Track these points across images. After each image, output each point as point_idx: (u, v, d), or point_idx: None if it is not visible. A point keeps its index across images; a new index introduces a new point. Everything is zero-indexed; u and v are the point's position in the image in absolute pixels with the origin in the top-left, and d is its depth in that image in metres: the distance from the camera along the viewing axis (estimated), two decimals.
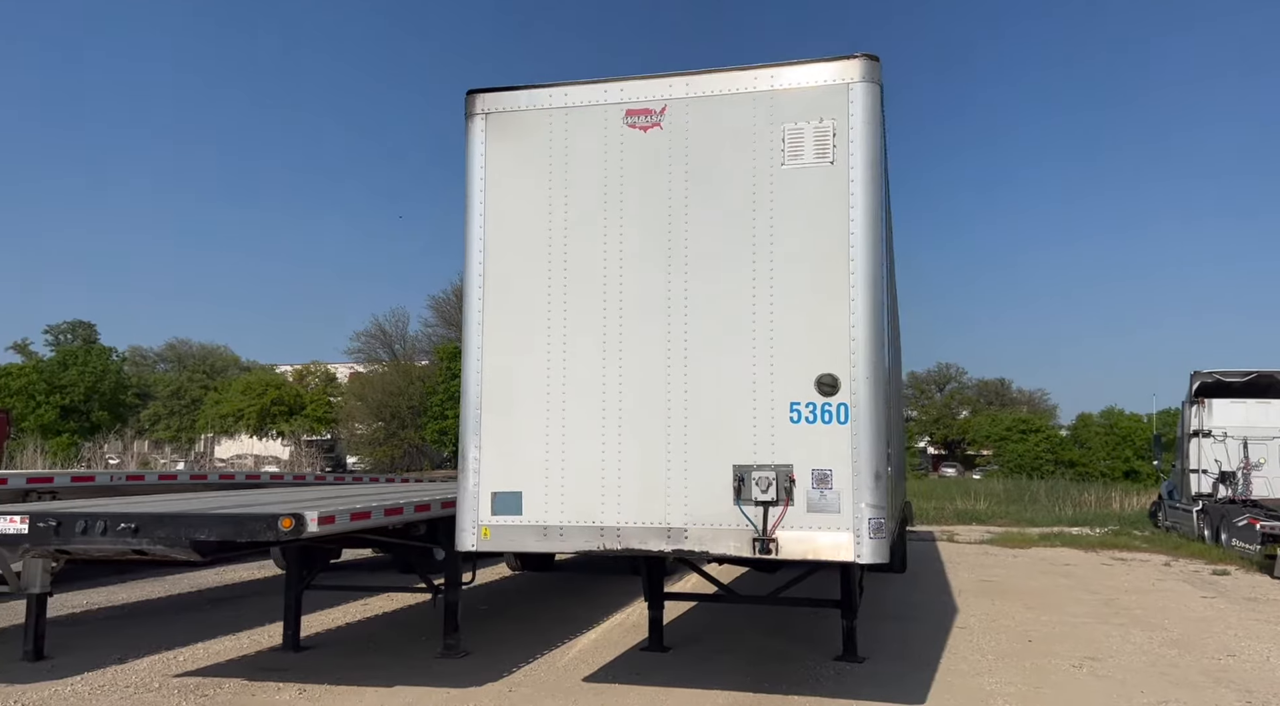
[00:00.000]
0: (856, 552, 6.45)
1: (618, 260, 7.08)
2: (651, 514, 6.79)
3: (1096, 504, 37.81)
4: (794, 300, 6.73)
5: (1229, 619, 12.80)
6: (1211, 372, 24.49)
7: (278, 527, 6.53)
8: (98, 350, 71.16)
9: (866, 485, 6.46)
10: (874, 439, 6.51)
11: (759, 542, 6.55)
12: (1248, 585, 16.44)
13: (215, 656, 9.77)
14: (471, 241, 7.31)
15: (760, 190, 6.86)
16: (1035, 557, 20.68)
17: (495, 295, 7.28)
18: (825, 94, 6.80)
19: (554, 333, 7.14)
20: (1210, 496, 23.35)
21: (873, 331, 6.60)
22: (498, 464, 7.12)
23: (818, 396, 6.59)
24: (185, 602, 13.37)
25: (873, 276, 6.64)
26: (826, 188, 6.73)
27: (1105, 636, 11.32)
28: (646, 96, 7.12)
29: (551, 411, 7.07)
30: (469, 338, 7.29)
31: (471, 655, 9.80)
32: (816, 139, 6.76)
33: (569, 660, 9.71)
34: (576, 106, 7.24)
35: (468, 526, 7.11)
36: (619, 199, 7.12)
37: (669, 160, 7.05)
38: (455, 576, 9.80)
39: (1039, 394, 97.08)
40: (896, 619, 12.38)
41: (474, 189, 7.35)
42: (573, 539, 6.93)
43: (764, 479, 6.55)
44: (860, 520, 6.44)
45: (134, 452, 60.60)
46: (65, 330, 74.66)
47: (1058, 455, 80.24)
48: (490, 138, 7.35)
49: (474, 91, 7.42)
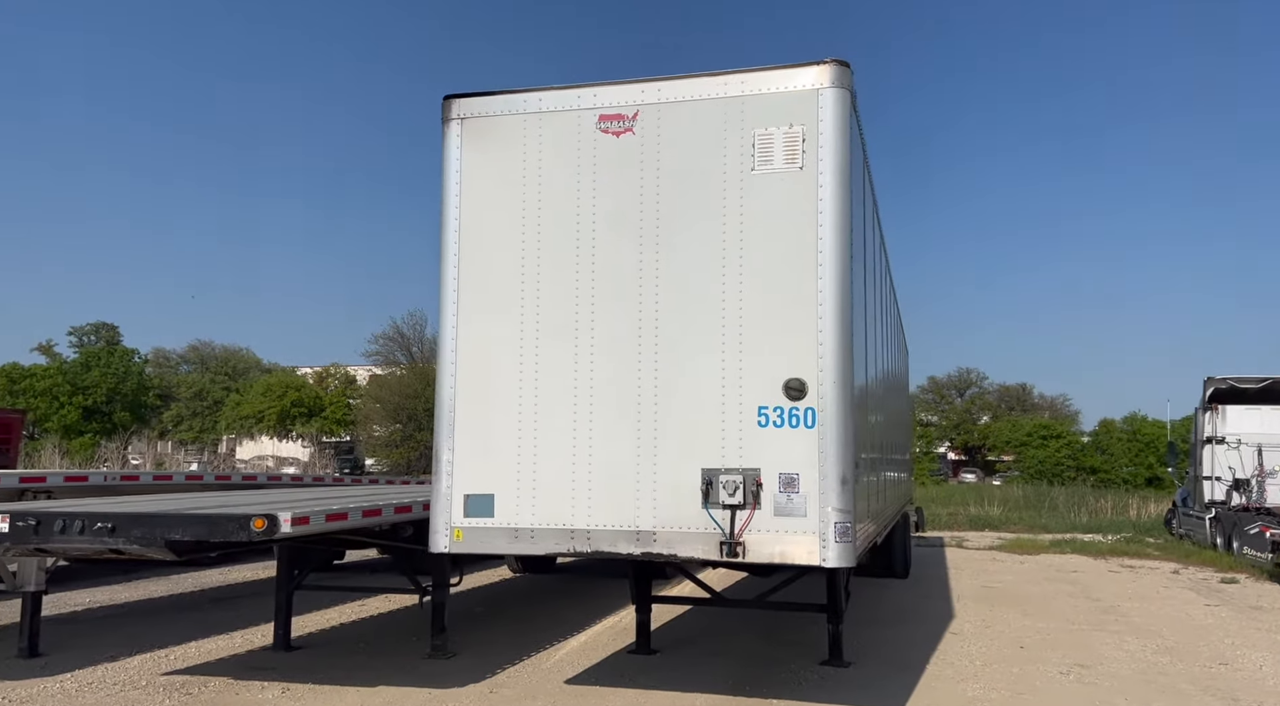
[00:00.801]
0: (822, 556, 6.45)
1: (589, 264, 7.12)
2: (621, 517, 6.82)
3: (1113, 510, 37.49)
4: (762, 304, 6.75)
5: (1229, 627, 12.70)
6: (1226, 378, 24.27)
7: (250, 528, 6.60)
8: (120, 351, 71.83)
9: (833, 489, 6.47)
10: (841, 443, 6.51)
11: (726, 546, 6.57)
12: (1254, 594, 16.29)
13: (207, 655, 9.87)
14: (446, 245, 7.36)
15: (730, 195, 6.88)
16: (1042, 564, 20.57)
17: (469, 298, 7.32)
18: (795, 99, 6.82)
19: (526, 336, 7.18)
20: (1223, 504, 23.15)
21: (841, 336, 6.61)
22: (471, 466, 7.16)
23: (785, 400, 6.61)
24: (186, 601, 13.51)
25: (842, 282, 6.65)
26: (795, 193, 6.75)
27: (1099, 643, 11.26)
28: (619, 102, 7.16)
29: (524, 414, 7.11)
30: (443, 341, 7.34)
31: (459, 656, 9.87)
32: (786, 144, 6.78)
33: (555, 662, 9.76)
34: (550, 111, 7.28)
35: (440, 528, 7.16)
36: (591, 203, 7.16)
37: (641, 165, 7.09)
38: (442, 578, 9.87)
39: (1061, 399, 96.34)
40: (891, 623, 12.36)
41: (449, 193, 7.40)
42: (543, 541, 6.97)
43: (731, 482, 6.57)
44: (826, 524, 6.45)
45: (156, 453, 61.11)
46: (89, 332, 75.40)
47: (1079, 461, 79.59)
48: (465, 142, 7.41)
49: (450, 96, 7.48)
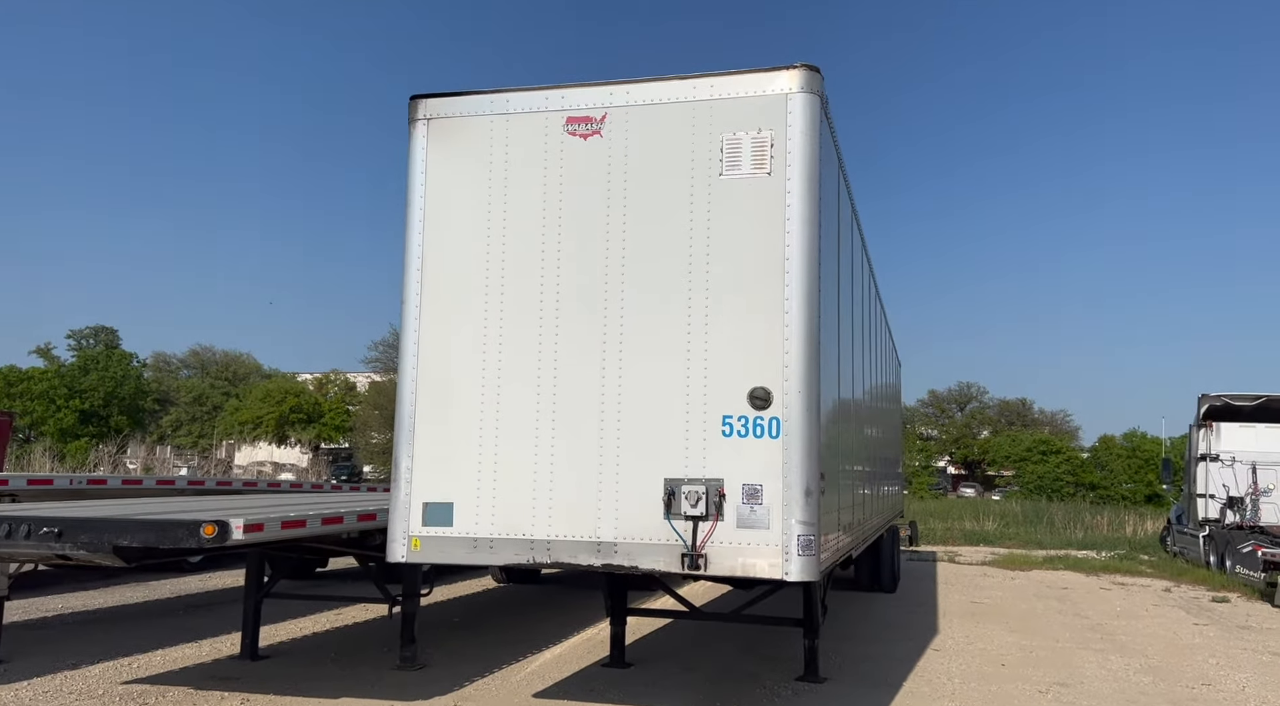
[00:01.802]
0: (785, 570, 6.30)
1: (555, 269, 6.98)
2: (582, 527, 6.67)
3: (1109, 527, 37.25)
4: (728, 312, 6.60)
5: (1215, 647, 12.53)
6: (1220, 396, 24.09)
7: (200, 534, 6.45)
8: (118, 355, 71.61)
9: (797, 501, 6.32)
10: (806, 454, 6.36)
11: (688, 558, 6.41)
12: (1244, 613, 16.11)
13: (171, 663, 9.71)
14: (410, 248, 7.22)
15: (698, 200, 6.75)
16: (1034, 580, 20.38)
17: (432, 302, 7.18)
18: (764, 104, 6.69)
19: (489, 341, 7.04)
20: (1217, 522, 22.95)
21: (807, 345, 6.46)
22: (430, 474, 7.01)
23: (750, 410, 6.46)
24: (161, 608, 13.34)
25: (809, 289, 6.50)
26: (763, 199, 6.61)
27: (1082, 662, 11.09)
28: (587, 104, 7.03)
29: (485, 421, 6.96)
30: (405, 344, 7.19)
31: (429, 667, 9.71)
32: (754, 149, 6.65)
33: (525, 675, 9.60)
34: (518, 113, 7.15)
35: (398, 537, 7.00)
36: (558, 207, 7.03)
37: (608, 168, 6.95)
38: (413, 587, 9.72)
39: (1061, 415, 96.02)
40: (873, 639, 12.20)
41: (414, 195, 7.26)
42: (502, 551, 6.82)
43: (694, 493, 6.42)
44: (789, 537, 6.30)
45: (148, 458, 60.81)
46: (88, 335, 75.11)
47: (1078, 477, 79.30)
48: (431, 143, 7.27)
49: (416, 97, 7.35)
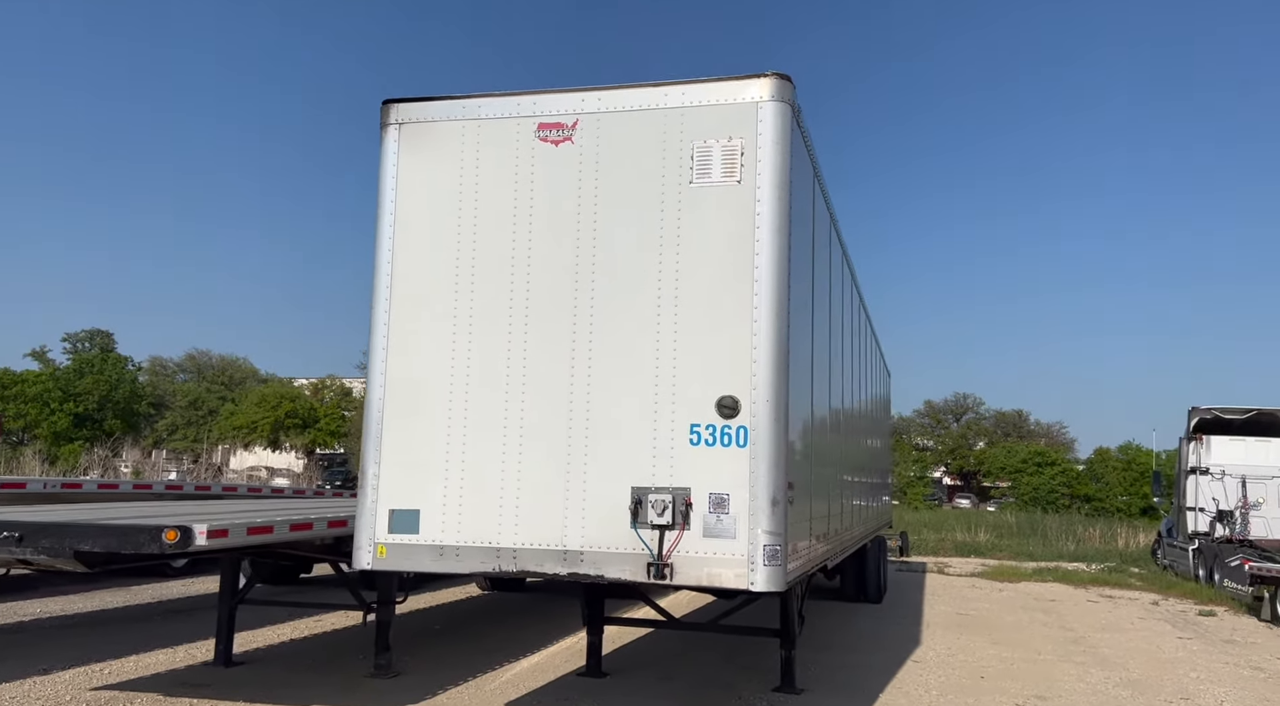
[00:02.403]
0: (750, 580, 6.25)
1: (525, 275, 6.94)
2: (548, 536, 6.62)
3: (1101, 539, 37.18)
4: (697, 320, 6.56)
5: (1198, 661, 12.48)
6: (1211, 409, 24.06)
7: (162, 540, 6.40)
8: (114, 358, 71.46)
9: (764, 511, 6.27)
10: (773, 464, 6.32)
11: (654, 567, 6.36)
12: (1230, 627, 16.06)
13: (144, 669, 9.65)
14: (380, 253, 7.18)
15: (668, 208, 6.71)
16: (1021, 592, 20.33)
17: (401, 307, 7.13)
18: (734, 112, 6.66)
19: (459, 348, 6.99)
20: (1207, 535, 22.89)
21: (776, 354, 6.43)
22: (397, 480, 6.95)
23: (718, 418, 6.42)
24: (140, 613, 13.27)
25: (778, 298, 6.47)
26: (733, 207, 6.58)
27: (1062, 675, 11.04)
28: (558, 110, 7.00)
29: (453, 427, 6.91)
30: (374, 351, 7.14)
31: (403, 675, 9.65)
32: (724, 157, 6.62)
33: (500, 683, 9.54)
34: (489, 118, 7.12)
35: (364, 544, 6.95)
36: (528, 214, 6.99)
37: (579, 175, 6.92)
38: (387, 594, 9.67)
39: (1057, 426, 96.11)
40: (854, 649, 12.15)
41: (384, 200, 7.22)
42: (468, 560, 6.77)
43: (660, 502, 6.38)
44: (756, 547, 6.25)
45: (151, 462, 60.54)
46: (83, 338, 74.97)
47: (1074, 489, 79.37)
48: (403, 148, 7.24)
49: (389, 101, 7.32)
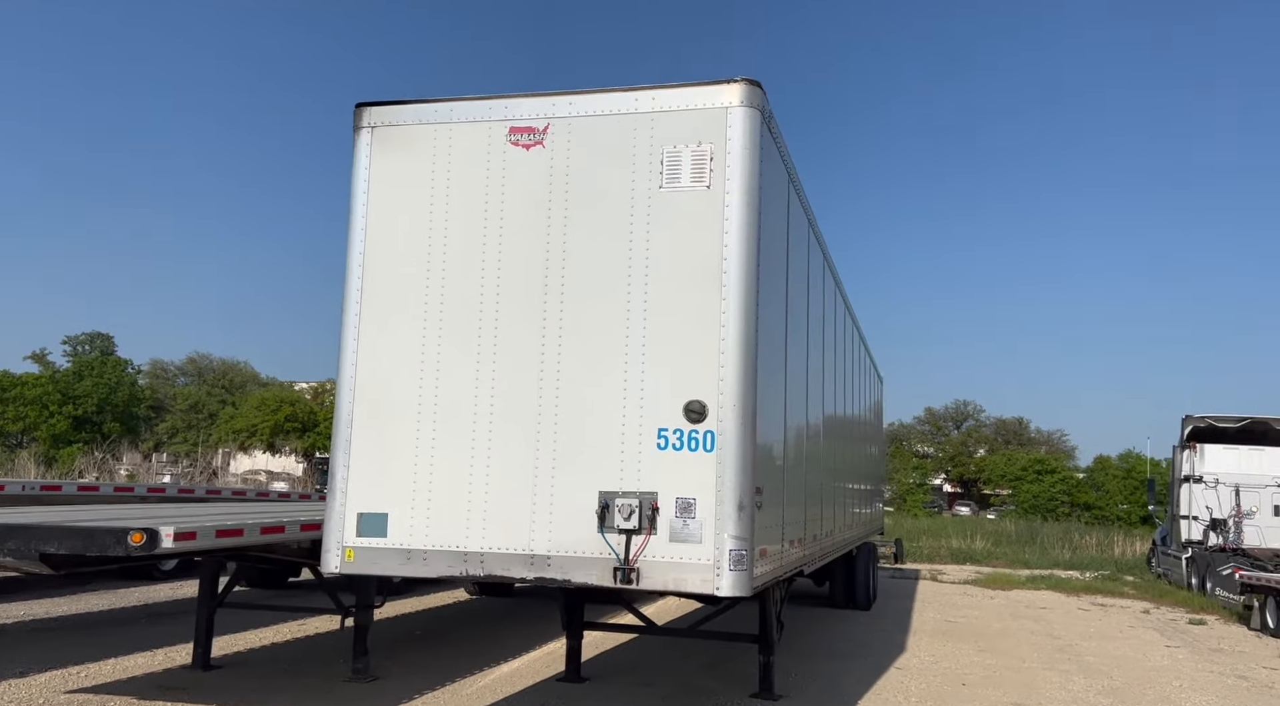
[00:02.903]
0: (716, 585, 6.24)
1: (495, 279, 6.93)
2: (515, 540, 6.61)
3: (1098, 547, 37.12)
4: (666, 325, 6.56)
5: (1183, 669, 12.45)
6: (1205, 417, 24.02)
7: (127, 542, 6.40)
8: (113, 362, 71.49)
9: (730, 516, 6.26)
10: (740, 468, 6.31)
11: (620, 572, 6.35)
12: (1219, 636, 16.03)
13: (122, 672, 9.63)
14: (351, 256, 7.17)
15: (638, 212, 6.71)
16: (1013, 600, 20.30)
17: (372, 310, 7.12)
18: (704, 117, 6.66)
19: (428, 351, 6.99)
20: (1200, 544, 22.86)
21: (744, 359, 6.42)
22: (366, 484, 6.94)
23: (686, 423, 6.41)
24: (124, 616, 13.26)
25: (746, 303, 6.46)
26: (701, 212, 6.57)
27: (1045, 682, 11.01)
28: (530, 114, 7.00)
29: (422, 431, 6.90)
30: (344, 353, 7.13)
31: (381, 679, 9.64)
32: (694, 163, 6.61)
33: (478, 688, 9.53)
34: (461, 122, 7.11)
35: (332, 547, 6.93)
36: (499, 217, 6.99)
37: (549, 179, 6.92)
38: (366, 598, 9.65)
39: (1057, 434, 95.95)
40: (838, 656, 12.13)
41: (356, 202, 7.22)
42: (436, 563, 6.75)
43: (627, 506, 6.36)
44: (721, 551, 6.24)
45: (150, 465, 60.43)
46: (83, 341, 75.06)
47: (1073, 497, 79.19)
48: (375, 151, 7.24)
49: (362, 104, 7.32)
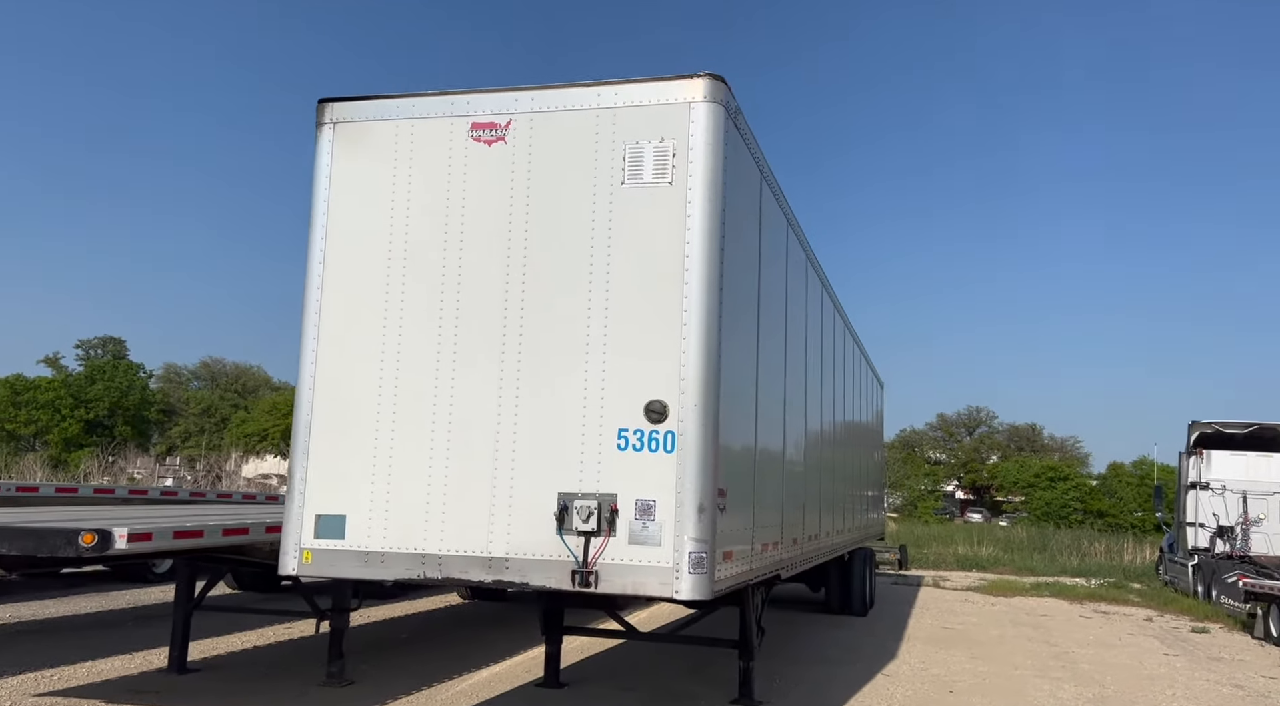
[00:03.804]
0: (675, 588, 6.11)
1: (456, 278, 6.83)
2: (474, 542, 6.49)
3: (1107, 554, 36.80)
4: (628, 323, 6.44)
5: (1178, 678, 12.24)
6: (1211, 423, 23.78)
7: (78, 543, 6.32)
8: (125, 366, 71.89)
9: (690, 518, 6.14)
10: (701, 469, 6.18)
11: (578, 575, 6.24)
12: (1220, 645, 15.80)
13: (97, 675, 9.56)
14: (312, 252, 7.08)
15: (600, 209, 6.60)
16: (1014, 606, 20.08)
17: (332, 308, 7.02)
18: (666, 113, 6.54)
19: (388, 351, 6.89)
20: (1207, 551, 22.60)
21: (705, 358, 6.30)
22: (324, 485, 6.83)
23: (646, 423, 6.29)
24: (112, 619, 13.19)
25: (708, 302, 6.34)
26: (663, 209, 6.45)
27: (1034, 690, 10.84)
28: (491, 110, 6.90)
29: (381, 431, 6.80)
30: (304, 352, 7.02)
31: (356, 683, 9.54)
32: (656, 158, 6.50)
33: (453, 693, 9.42)
34: (423, 118, 7.02)
35: (290, 549, 6.83)
36: (460, 215, 6.88)
37: (511, 175, 6.81)
38: (342, 602, 9.56)
39: (1071, 441, 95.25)
40: (825, 662, 11.97)
41: (318, 198, 7.13)
42: (394, 566, 6.65)
43: (585, 508, 6.24)
44: (681, 554, 6.12)
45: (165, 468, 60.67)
46: (96, 345, 75.57)
47: (1087, 504, 78.64)
48: (337, 147, 7.15)
49: (324, 100, 7.23)
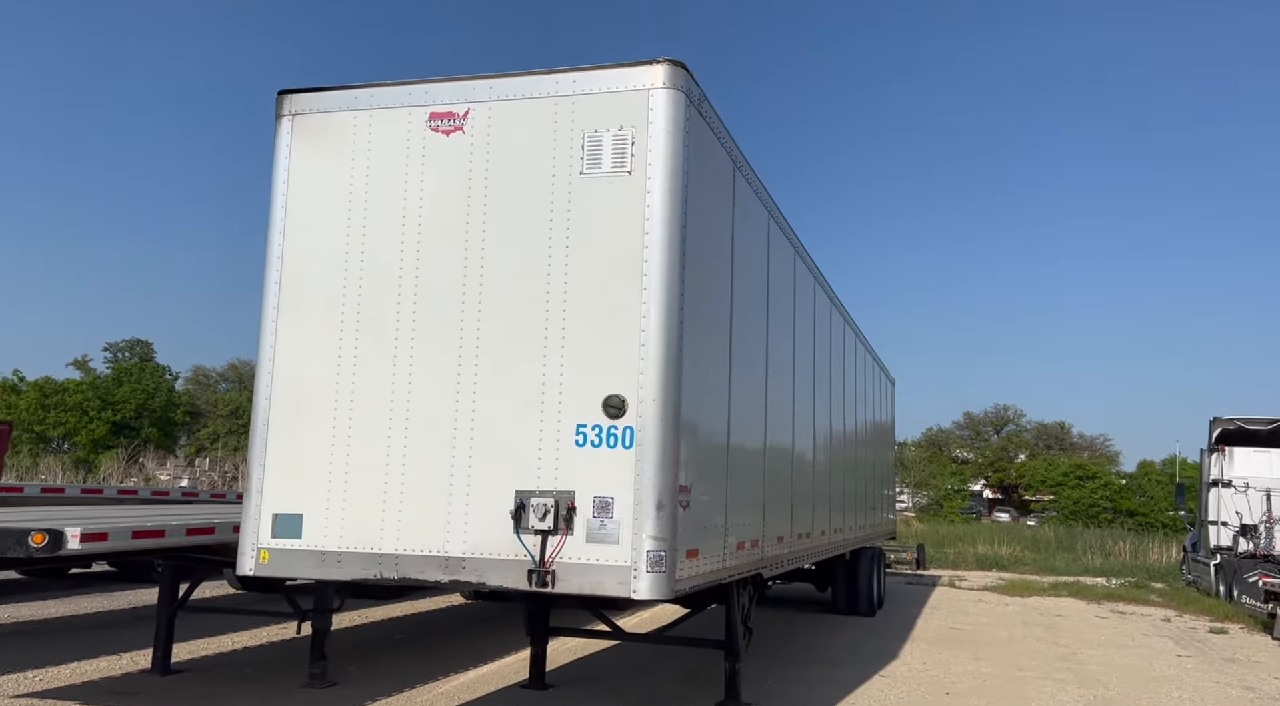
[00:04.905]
0: (633, 588, 5.95)
1: (414, 272, 6.70)
2: (430, 542, 6.36)
3: (1132, 554, 36.25)
4: (586, 316, 6.28)
5: (1187, 679, 11.94)
6: (1234, 419, 23.32)
7: (28, 544, 6.23)
8: (151, 368, 72.44)
9: (648, 515, 5.97)
10: (660, 466, 6.01)
11: (535, 574, 6.08)
12: (1237, 646, 15.43)
13: (81, 676, 9.51)
14: (270, 248, 6.96)
15: (558, 199, 6.44)
16: (1028, 606, 19.76)
17: (291, 304, 6.91)
18: (625, 100, 6.38)
19: (345, 346, 6.76)
20: (1230, 550, 22.16)
21: (666, 352, 6.12)
22: (282, 484, 6.72)
23: (605, 419, 6.13)
24: (108, 619, 13.18)
25: (668, 294, 6.16)
26: (622, 198, 6.29)
27: (1035, 693, 10.59)
28: (450, 99, 6.75)
29: (338, 429, 6.68)
30: (262, 350, 6.92)
31: (339, 685, 9.43)
32: (615, 147, 6.34)
33: (436, 695, 9.29)
34: (381, 108, 6.89)
35: (247, 549, 6.72)
36: (418, 207, 6.75)
37: (470, 166, 6.67)
38: (324, 602, 9.46)
39: (1101, 439, 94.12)
40: (822, 663, 11.76)
41: (276, 192, 7.02)
42: (350, 566, 6.52)
43: (542, 505, 6.09)
44: (639, 553, 5.95)
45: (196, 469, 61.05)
46: (123, 348, 76.24)
47: (1116, 503, 77.73)
48: (296, 140, 7.04)
49: (284, 92, 7.12)
